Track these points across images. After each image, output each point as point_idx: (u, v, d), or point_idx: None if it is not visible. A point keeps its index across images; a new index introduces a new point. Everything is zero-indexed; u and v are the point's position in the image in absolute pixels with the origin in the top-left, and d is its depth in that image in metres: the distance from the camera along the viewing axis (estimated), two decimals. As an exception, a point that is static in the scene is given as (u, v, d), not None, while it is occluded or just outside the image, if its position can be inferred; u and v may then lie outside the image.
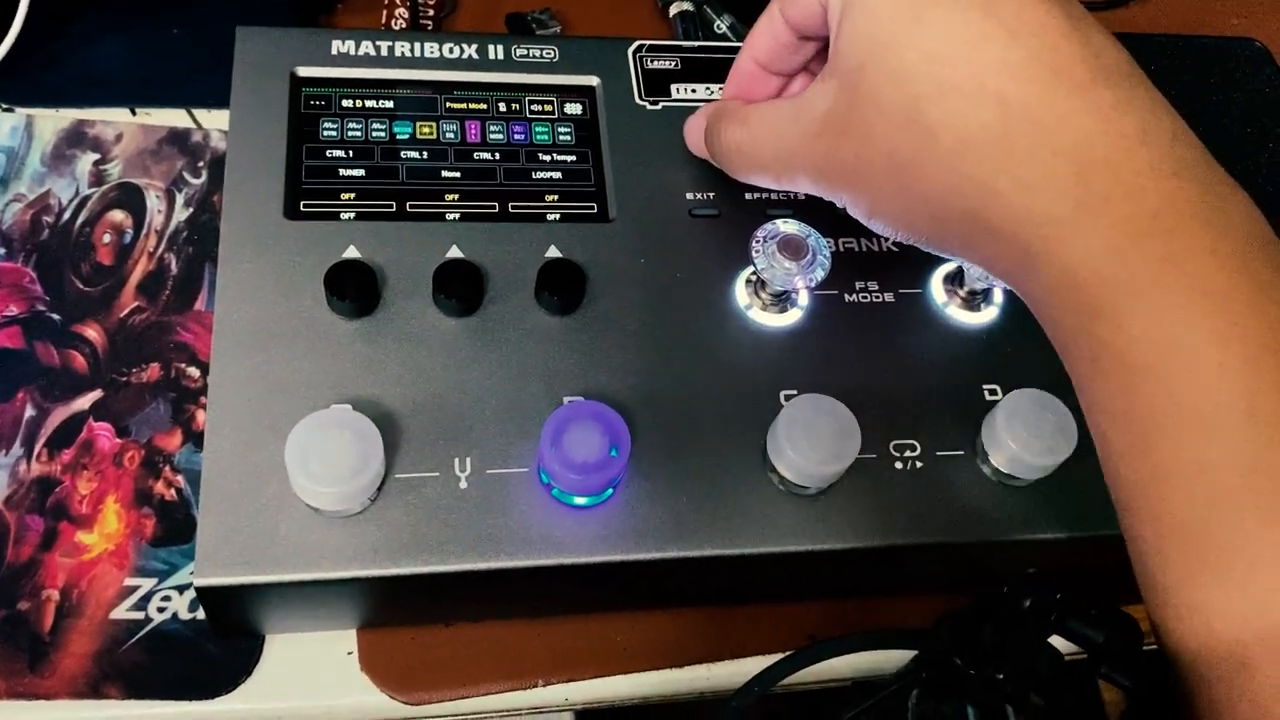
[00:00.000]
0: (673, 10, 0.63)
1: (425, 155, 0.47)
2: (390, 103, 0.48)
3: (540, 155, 0.48)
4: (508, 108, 0.49)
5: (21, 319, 0.49)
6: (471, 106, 0.49)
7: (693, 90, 0.51)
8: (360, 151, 0.47)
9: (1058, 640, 0.32)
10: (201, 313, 0.50)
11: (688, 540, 0.40)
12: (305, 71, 0.48)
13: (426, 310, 0.43)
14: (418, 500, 0.39)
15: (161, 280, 0.51)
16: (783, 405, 0.41)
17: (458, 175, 0.47)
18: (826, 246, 0.43)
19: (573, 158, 0.48)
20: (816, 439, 0.40)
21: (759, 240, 0.43)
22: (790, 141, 0.39)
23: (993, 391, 0.44)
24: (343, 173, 0.46)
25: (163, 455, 0.47)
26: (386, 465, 0.39)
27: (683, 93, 0.51)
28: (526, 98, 0.49)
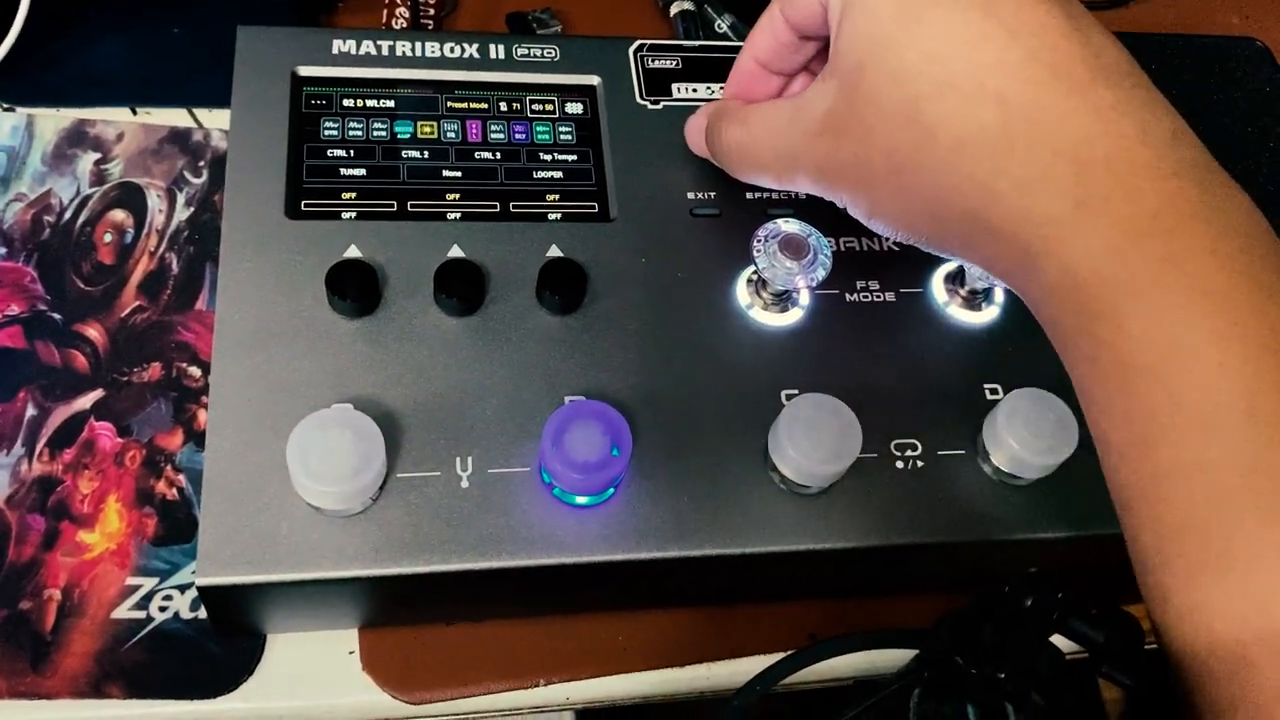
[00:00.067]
0: (673, 10, 0.63)
1: (426, 155, 0.47)
2: (391, 102, 0.48)
3: (541, 155, 0.48)
4: (509, 107, 0.49)
5: (23, 318, 0.49)
6: (472, 106, 0.49)
7: (693, 90, 0.51)
8: (361, 151, 0.47)
9: (1059, 639, 0.32)
10: (203, 312, 0.50)
11: (689, 540, 0.40)
12: (306, 71, 0.48)
13: (428, 310, 0.43)
14: (419, 500, 0.39)
15: (163, 280, 0.51)
16: (784, 405, 0.41)
17: (459, 175, 0.47)
18: (828, 246, 0.43)
19: (574, 157, 0.48)
20: (818, 438, 0.40)
21: (760, 239, 0.43)
22: (790, 141, 0.39)
23: (994, 391, 0.44)
24: (344, 172, 0.46)
25: (164, 455, 0.47)
26: (388, 465, 0.39)
27: (684, 92, 0.51)
28: (527, 97, 0.49)
